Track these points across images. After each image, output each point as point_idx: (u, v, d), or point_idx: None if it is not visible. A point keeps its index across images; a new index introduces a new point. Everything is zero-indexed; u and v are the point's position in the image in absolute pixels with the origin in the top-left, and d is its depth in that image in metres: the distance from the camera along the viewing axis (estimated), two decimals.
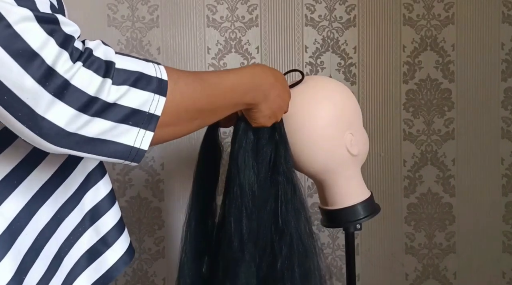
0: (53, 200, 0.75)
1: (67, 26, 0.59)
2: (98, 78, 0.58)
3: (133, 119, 0.61)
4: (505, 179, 1.73)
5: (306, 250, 0.92)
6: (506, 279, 1.75)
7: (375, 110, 1.70)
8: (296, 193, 0.92)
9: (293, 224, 0.91)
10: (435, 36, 1.68)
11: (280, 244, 0.91)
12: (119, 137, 0.61)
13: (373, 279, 1.75)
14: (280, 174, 0.91)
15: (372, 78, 1.69)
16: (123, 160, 0.63)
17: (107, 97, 0.58)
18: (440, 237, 1.75)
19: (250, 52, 1.66)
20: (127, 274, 1.71)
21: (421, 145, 1.72)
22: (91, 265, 0.82)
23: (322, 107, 0.98)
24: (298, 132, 0.96)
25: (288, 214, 0.91)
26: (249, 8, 1.65)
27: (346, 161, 1.01)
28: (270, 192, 0.91)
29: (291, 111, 0.95)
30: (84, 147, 0.59)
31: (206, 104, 0.72)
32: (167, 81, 0.64)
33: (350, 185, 1.03)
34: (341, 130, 0.99)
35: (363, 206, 1.03)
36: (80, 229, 0.81)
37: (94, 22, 1.61)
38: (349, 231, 1.06)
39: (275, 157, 0.91)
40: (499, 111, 1.70)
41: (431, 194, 1.74)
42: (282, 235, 0.91)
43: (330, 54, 1.68)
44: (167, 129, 0.66)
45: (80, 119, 0.57)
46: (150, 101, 0.62)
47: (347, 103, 1.02)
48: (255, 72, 0.83)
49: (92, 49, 0.59)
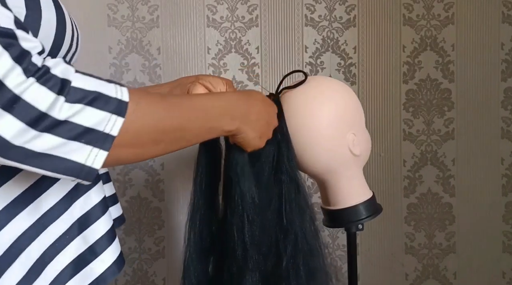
0: (35, 206, 0.75)
1: (26, 41, 0.60)
2: (51, 95, 0.58)
3: (86, 137, 0.61)
4: (505, 179, 1.73)
5: (312, 249, 0.92)
6: (506, 279, 1.75)
7: (375, 110, 1.70)
8: (300, 192, 0.92)
9: (298, 223, 0.91)
10: (435, 36, 1.68)
11: (285, 243, 0.91)
12: (69, 154, 0.61)
13: (373, 279, 1.75)
14: (283, 173, 0.91)
15: (372, 78, 1.69)
16: (74, 178, 0.63)
17: (58, 114, 0.59)
18: (440, 237, 1.75)
19: (250, 52, 1.66)
20: (127, 274, 1.71)
21: (421, 145, 1.72)
22: (78, 274, 0.81)
23: (325, 107, 0.98)
24: (300, 132, 0.96)
25: (293, 213, 0.91)
26: (249, 8, 1.65)
27: (348, 161, 1.01)
28: (273, 192, 0.91)
29: (294, 111, 0.95)
30: (33, 161, 0.60)
31: (171, 126, 0.71)
32: (127, 102, 0.63)
33: (352, 185, 1.03)
34: (343, 130, 0.99)
35: (365, 206, 1.03)
36: (67, 237, 0.80)
37: (94, 22, 1.61)
38: (351, 231, 1.05)
39: (278, 156, 0.91)
40: (499, 111, 1.71)
41: (431, 194, 1.74)
42: (287, 234, 0.91)
43: (330, 54, 1.68)
44: (126, 150, 0.66)
45: (28, 134, 0.58)
46: (106, 120, 0.62)
47: (349, 103, 1.02)
48: (229, 96, 0.83)
49: (50, 66, 0.60)
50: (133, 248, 1.71)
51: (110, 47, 1.63)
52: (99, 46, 1.61)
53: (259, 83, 1.67)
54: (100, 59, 1.62)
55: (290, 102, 0.98)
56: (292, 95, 0.99)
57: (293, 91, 0.99)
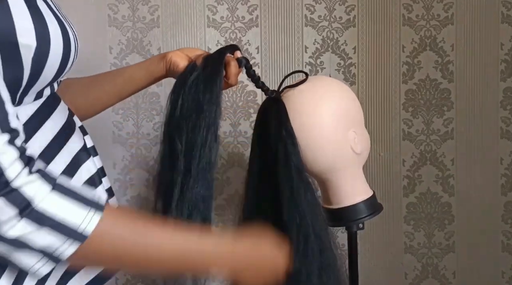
0: None
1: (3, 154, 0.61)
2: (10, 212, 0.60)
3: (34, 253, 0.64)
4: (504, 179, 1.73)
5: (323, 243, 0.92)
6: (505, 279, 1.76)
7: (374, 110, 1.70)
8: (309, 188, 0.92)
9: (309, 218, 0.91)
10: (434, 36, 1.68)
11: (298, 238, 0.90)
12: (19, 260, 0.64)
13: (372, 278, 1.75)
14: (292, 169, 0.91)
15: (371, 78, 1.70)
16: None
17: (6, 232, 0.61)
18: (439, 237, 1.76)
19: (250, 52, 1.66)
20: (127, 273, 1.71)
21: (420, 145, 1.72)
22: None
23: (327, 106, 0.99)
24: (303, 131, 0.97)
25: (304, 209, 0.91)
26: (249, 9, 1.66)
27: (350, 160, 1.01)
28: (284, 189, 0.91)
29: (296, 110, 0.95)
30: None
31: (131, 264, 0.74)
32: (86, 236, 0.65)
33: (353, 183, 1.03)
34: (345, 129, 1.00)
35: (366, 204, 1.03)
36: None
37: (94, 22, 1.61)
38: (352, 230, 1.06)
39: (285, 153, 0.92)
40: (498, 111, 1.71)
41: (430, 193, 1.74)
42: (300, 229, 0.90)
43: (329, 54, 1.68)
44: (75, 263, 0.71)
45: None
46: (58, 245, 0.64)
47: (350, 102, 1.03)
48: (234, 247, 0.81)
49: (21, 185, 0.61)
50: None
51: (111, 47, 1.63)
52: (99, 46, 1.62)
53: None
54: (100, 59, 1.62)
55: (292, 101, 0.99)
56: (294, 94, 1.00)
57: (295, 90, 1.00)
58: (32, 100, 0.74)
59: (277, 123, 0.92)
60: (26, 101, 0.73)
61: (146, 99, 1.65)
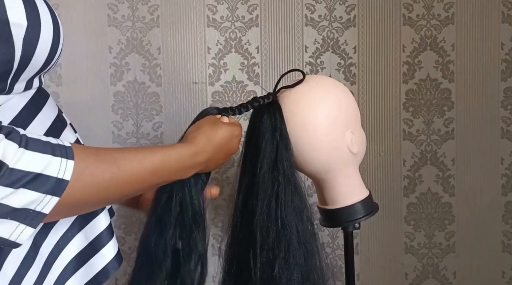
0: None
1: None
2: None
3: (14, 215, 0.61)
4: (504, 179, 1.73)
5: (308, 250, 0.92)
6: (506, 279, 1.75)
7: (375, 110, 1.70)
8: (297, 192, 0.92)
9: (294, 224, 0.91)
10: (435, 36, 1.68)
11: (280, 244, 0.90)
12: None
13: (373, 278, 1.75)
14: (280, 174, 0.91)
15: (372, 78, 1.69)
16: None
17: None
18: (439, 237, 1.75)
19: (250, 52, 1.66)
20: (127, 273, 1.71)
21: (421, 145, 1.72)
22: (80, 269, 0.82)
23: (323, 107, 0.98)
24: (299, 132, 0.96)
25: (289, 214, 0.91)
26: (249, 8, 1.66)
27: (347, 160, 1.01)
28: (271, 192, 0.91)
29: (292, 111, 0.95)
30: None
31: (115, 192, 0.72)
32: (68, 181, 0.64)
33: (350, 184, 1.03)
34: (341, 129, 0.99)
35: (362, 205, 1.03)
36: (69, 235, 0.81)
37: (94, 22, 1.62)
38: (348, 230, 1.06)
39: (276, 157, 0.92)
40: (499, 111, 1.71)
41: (430, 193, 1.74)
42: (284, 235, 0.91)
43: (330, 54, 1.68)
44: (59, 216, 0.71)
45: None
46: (38, 201, 0.62)
47: (346, 102, 1.02)
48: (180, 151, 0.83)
49: None
50: (133, 248, 1.71)
51: (111, 46, 1.63)
52: (99, 46, 1.62)
53: (259, 83, 1.67)
54: (100, 59, 1.63)
55: (288, 102, 0.98)
56: (290, 94, 0.99)
57: (291, 90, 0.99)
58: (22, 90, 0.74)
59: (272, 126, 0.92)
60: (16, 89, 0.72)
61: (146, 99, 1.65)
